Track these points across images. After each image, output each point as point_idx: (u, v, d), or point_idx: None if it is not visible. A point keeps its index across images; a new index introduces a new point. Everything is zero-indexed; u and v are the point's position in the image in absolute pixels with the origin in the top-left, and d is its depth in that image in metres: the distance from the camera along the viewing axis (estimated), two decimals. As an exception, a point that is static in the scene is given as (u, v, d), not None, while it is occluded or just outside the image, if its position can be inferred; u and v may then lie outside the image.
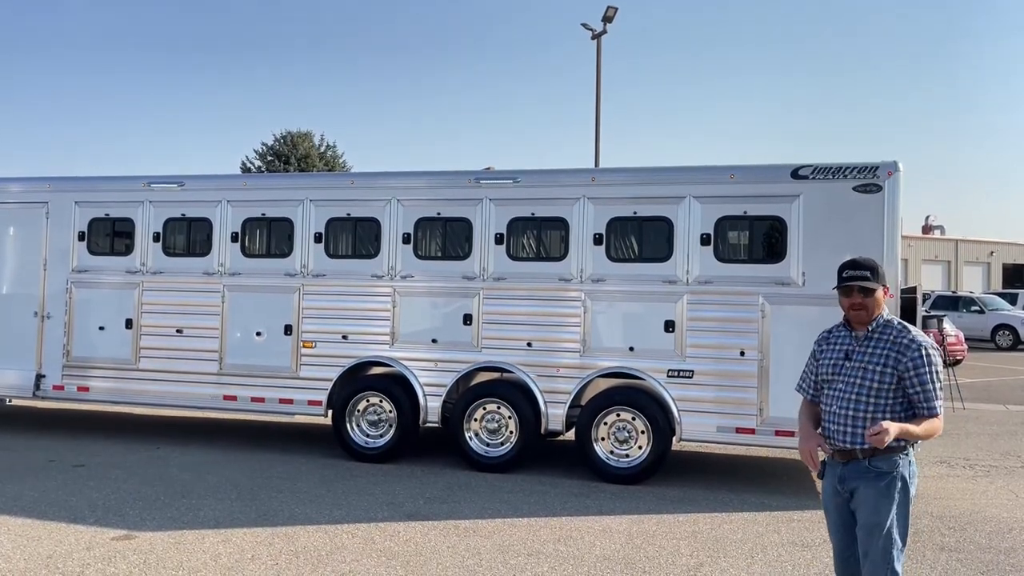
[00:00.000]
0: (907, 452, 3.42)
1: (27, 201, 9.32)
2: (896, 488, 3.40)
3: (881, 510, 3.40)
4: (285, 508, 6.33)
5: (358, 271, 8.20)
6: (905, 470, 3.41)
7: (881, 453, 3.39)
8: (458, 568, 5.09)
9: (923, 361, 3.38)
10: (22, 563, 5.03)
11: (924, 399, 3.38)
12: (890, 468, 3.39)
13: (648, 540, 5.73)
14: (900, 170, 6.93)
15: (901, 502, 3.40)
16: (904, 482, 3.41)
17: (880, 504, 3.40)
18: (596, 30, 21.60)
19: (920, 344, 3.41)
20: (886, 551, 3.39)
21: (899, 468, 3.40)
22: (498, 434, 7.76)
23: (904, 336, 3.44)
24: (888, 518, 3.39)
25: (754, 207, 7.26)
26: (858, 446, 3.43)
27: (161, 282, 8.76)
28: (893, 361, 3.40)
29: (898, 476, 3.40)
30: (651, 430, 7.30)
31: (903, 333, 3.46)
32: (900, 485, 3.40)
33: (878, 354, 3.44)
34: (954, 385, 12.55)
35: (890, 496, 3.39)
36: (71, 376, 8.95)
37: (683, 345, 7.29)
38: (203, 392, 8.54)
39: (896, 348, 3.42)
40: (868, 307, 3.50)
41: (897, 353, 3.41)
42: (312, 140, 38.25)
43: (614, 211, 7.57)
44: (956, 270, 43.50)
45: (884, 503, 3.40)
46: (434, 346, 7.93)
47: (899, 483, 3.40)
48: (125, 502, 6.41)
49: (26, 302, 9.17)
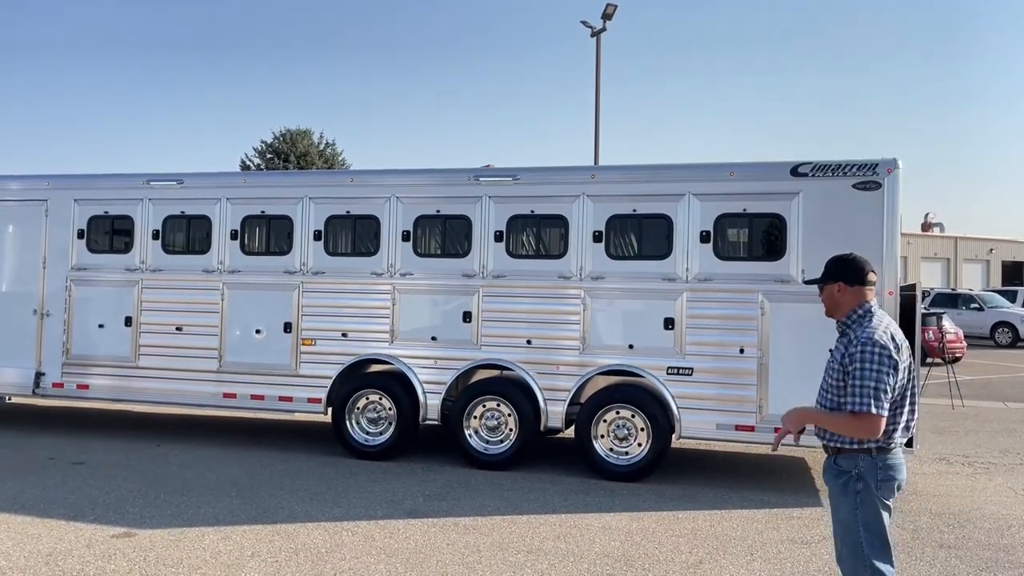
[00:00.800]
0: (871, 453, 3.34)
1: (26, 199, 9.32)
2: (855, 488, 3.35)
3: (841, 508, 3.41)
4: (285, 506, 6.33)
5: (358, 269, 8.20)
6: (868, 470, 3.34)
7: (845, 451, 3.38)
8: (458, 565, 5.10)
9: (858, 356, 3.29)
10: (22, 560, 5.03)
11: (848, 392, 3.30)
12: (849, 467, 3.37)
13: (648, 537, 5.73)
14: (900, 167, 6.93)
15: (864, 502, 3.33)
16: (865, 482, 3.33)
17: (840, 502, 3.41)
18: (596, 27, 21.58)
19: (861, 339, 3.33)
20: (855, 550, 3.36)
21: (859, 467, 3.34)
22: (498, 431, 7.76)
23: (858, 330, 3.39)
24: (849, 516, 3.37)
25: (754, 204, 7.26)
26: (827, 443, 3.45)
27: (160, 280, 8.76)
28: (841, 355, 3.39)
29: (856, 476, 3.35)
30: (650, 427, 7.31)
31: (860, 328, 3.40)
32: (861, 485, 3.34)
33: (839, 349, 3.43)
34: (953, 382, 12.59)
35: (848, 495, 3.37)
36: (71, 374, 8.95)
37: (682, 342, 7.30)
38: (203, 390, 8.54)
39: (847, 342, 3.41)
40: (824, 302, 3.59)
41: (846, 347, 3.40)
42: (311, 138, 38.22)
43: (614, 209, 7.57)
44: (955, 267, 43.55)
45: (843, 501, 3.39)
46: (434, 344, 7.93)
47: (858, 483, 3.34)
48: (125, 500, 6.41)
49: (25, 300, 9.17)
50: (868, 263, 3.57)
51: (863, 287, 3.49)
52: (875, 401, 3.24)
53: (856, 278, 3.49)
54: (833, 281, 3.53)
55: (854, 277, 3.49)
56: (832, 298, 3.54)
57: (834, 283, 3.52)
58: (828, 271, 3.58)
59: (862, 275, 3.50)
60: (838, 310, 3.53)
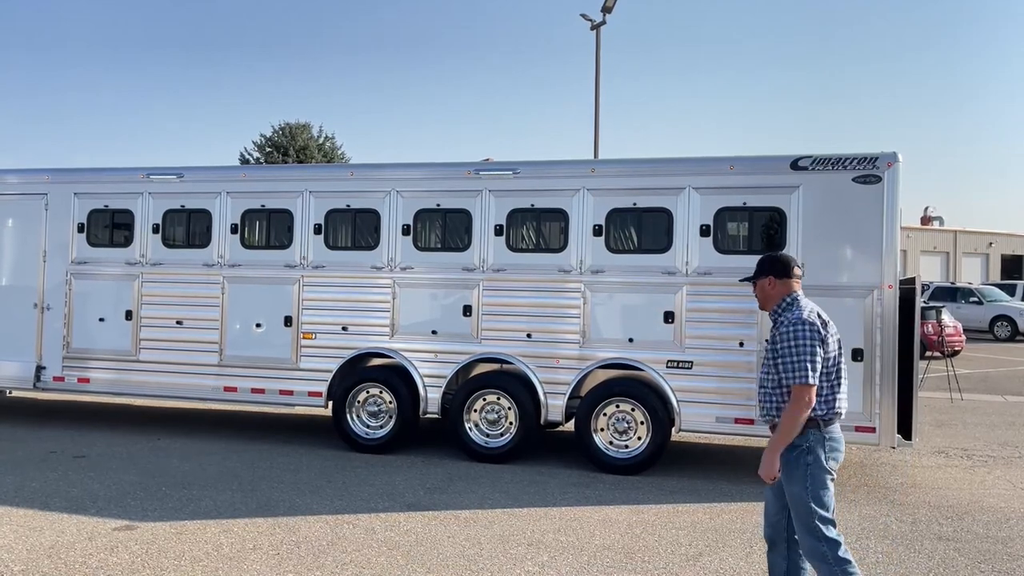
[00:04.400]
0: (818, 425, 3.63)
1: (26, 193, 9.31)
2: (805, 460, 3.61)
3: (792, 481, 3.64)
4: (286, 499, 6.35)
5: (358, 262, 8.21)
6: (817, 442, 3.63)
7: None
8: (459, 558, 5.12)
9: (790, 334, 3.65)
10: (24, 553, 5.05)
11: (782, 370, 3.66)
12: (799, 441, 3.62)
13: (647, 530, 5.75)
14: (900, 161, 6.93)
15: (813, 474, 3.60)
16: (815, 454, 3.61)
17: (791, 475, 3.64)
18: (595, 21, 21.52)
19: (791, 320, 3.70)
20: (808, 522, 3.61)
21: (809, 441, 3.61)
22: (498, 425, 7.78)
23: (786, 315, 3.77)
24: (800, 489, 3.61)
25: (754, 198, 7.26)
26: (773, 418, 3.74)
27: (161, 273, 8.76)
28: (772, 339, 3.78)
29: (807, 449, 3.61)
30: (650, 421, 7.33)
31: (788, 313, 3.77)
32: (811, 458, 3.61)
33: (772, 335, 3.81)
34: (952, 376, 12.61)
35: (799, 467, 3.62)
36: (71, 368, 8.96)
37: (682, 336, 7.31)
38: (203, 383, 8.55)
39: (777, 327, 3.80)
40: (757, 296, 3.99)
41: (776, 332, 3.77)
42: (311, 132, 38.14)
43: (614, 202, 7.57)
44: (955, 261, 43.52)
45: (794, 474, 3.63)
46: (434, 337, 7.94)
47: (808, 456, 3.61)
48: (126, 493, 6.43)
49: (26, 294, 9.17)
50: (794, 259, 4.00)
51: (790, 280, 3.87)
52: (811, 372, 3.59)
53: (784, 272, 3.87)
54: (764, 276, 3.91)
55: (782, 271, 3.88)
56: (764, 291, 3.93)
57: (765, 278, 3.90)
58: (760, 268, 3.96)
59: (789, 269, 3.89)
60: (769, 302, 3.92)
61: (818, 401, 3.62)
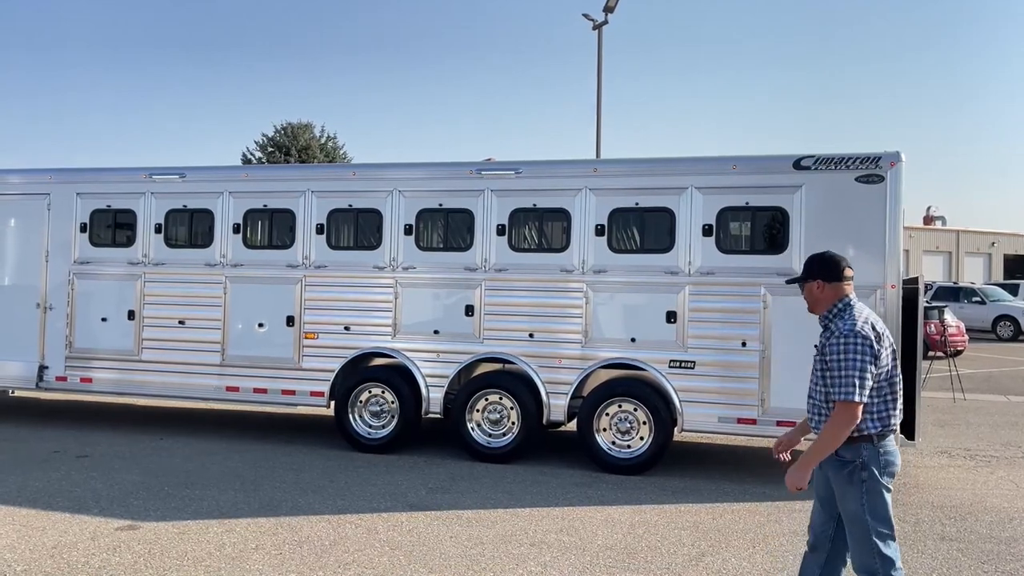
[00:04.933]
0: (872, 441, 3.44)
1: (29, 192, 9.32)
2: (860, 477, 3.44)
3: (847, 498, 3.47)
4: (288, 498, 6.35)
5: (360, 262, 8.20)
6: (872, 459, 3.43)
7: (846, 441, 3.44)
8: (461, 558, 5.11)
9: (840, 347, 3.43)
10: (27, 553, 5.05)
11: (829, 382, 3.46)
12: (852, 456, 3.44)
13: (650, 530, 5.75)
14: (903, 160, 6.92)
15: (869, 490, 3.43)
16: (870, 470, 3.43)
17: (846, 492, 3.48)
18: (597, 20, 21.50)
19: (842, 331, 3.46)
20: (865, 539, 3.45)
21: (863, 456, 3.43)
22: (500, 425, 7.78)
23: (837, 323, 3.55)
24: (856, 506, 3.45)
25: (756, 198, 7.25)
26: (818, 431, 3.55)
27: (163, 273, 8.77)
28: (822, 347, 3.57)
29: (861, 465, 3.43)
30: (653, 421, 7.32)
31: (840, 320, 3.56)
32: (865, 474, 3.43)
33: (822, 343, 3.59)
34: (955, 376, 12.59)
35: (853, 484, 3.45)
36: (74, 367, 8.97)
37: (685, 336, 7.30)
38: (206, 383, 8.56)
39: (827, 335, 3.56)
40: (806, 299, 3.73)
41: (825, 340, 3.55)
42: (313, 131, 38.14)
43: (616, 202, 7.56)
44: (957, 261, 43.47)
45: (849, 491, 3.46)
46: (436, 337, 7.94)
47: (863, 472, 3.43)
48: (129, 492, 6.43)
49: (28, 293, 9.18)
50: (844, 259, 3.71)
51: (840, 283, 3.63)
52: (858, 389, 3.37)
53: (834, 275, 3.65)
54: (812, 279, 3.68)
55: (832, 274, 3.65)
56: (812, 295, 3.70)
57: (813, 281, 3.67)
58: (807, 270, 3.73)
59: (839, 272, 3.64)
60: (819, 306, 3.69)
61: (871, 418, 3.43)
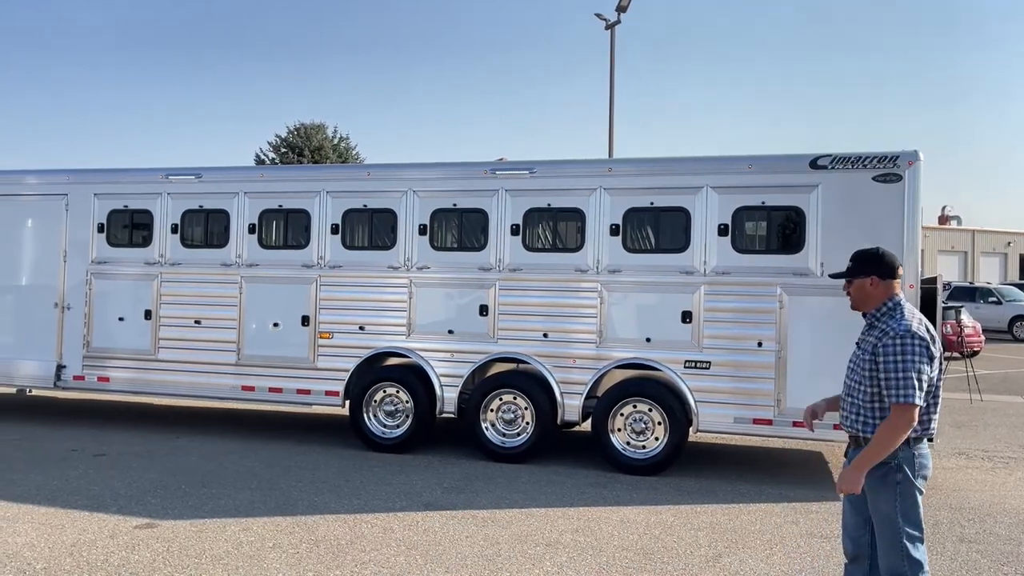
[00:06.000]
0: (908, 443, 3.36)
1: (47, 193, 9.40)
2: (894, 479, 3.37)
3: (881, 500, 3.40)
4: (304, 497, 6.38)
5: (374, 262, 8.23)
6: (907, 461, 3.37)
7: None
8: (477, 558, 5.12)
9: (897, 347, 3.32)
10: (46, 551, 5.09)
11: (884, 385, 3.35)
12: (888, 458, 3.36)
13: (666, 531, 5.73)
14: (921, 159, 6.87)
15: (903, 492, 3.37)
16: (904, 472, 3.36)
17: (880, 494, 3.40)
18: (610, 20, 21.46)
19: (899, 331, 3.35)
20: (895, 541, 3.38)
21: (898, 458, 3.36)
22: (514, 424, 7.78)
23: (890, 322, 3.43)
24: (889, 508, 3.38)
25: (772, 197, 7.22)
26: (860, 433, 3.47)
27: (179, 273, 8.82)
28: (873, 348, 3.42)
29: (896, 467, 3.36)
30: (668, 421, 7.30)
31: (892, 320, 3.44)
32: (900, 476, 3.36)
33: (870, 341, 3.46)
34: (971, 376, 12.49)
35: (888, 486, 3.38)
36: (91, 367, 9.04)
37: (700, 336, 7.28)
38: (222, 382, 8.60)
39: (879, 334, 3.43)
40: (852, 295, 3.60)
41: (877, 339, 3.42)
42: (325, 132, 38.28)
43: (631, 201, 7.55)
44: (973, 261, 43.14)
45: (883, 493, 3.39)
46: (450, 337, 7.95)
47: (898, 474, 3.37)
48: (147, 491, 6.47)
49: (46, 293, 9.26)
50: (897, 257, 3.62)
51: (894, 281, 3.53)
52: (917, 391, 3.29)
53: (889, 272, 3.54)
54: (866, 275, 3.55)
55: (887, 271, 3.53)
56: (864, 291, 3.56)
57: (867, 277, 3.54)
58: (861, 264, 3.58)
59: (894, 269, 3.54)
60: (868, 303, 3.56)
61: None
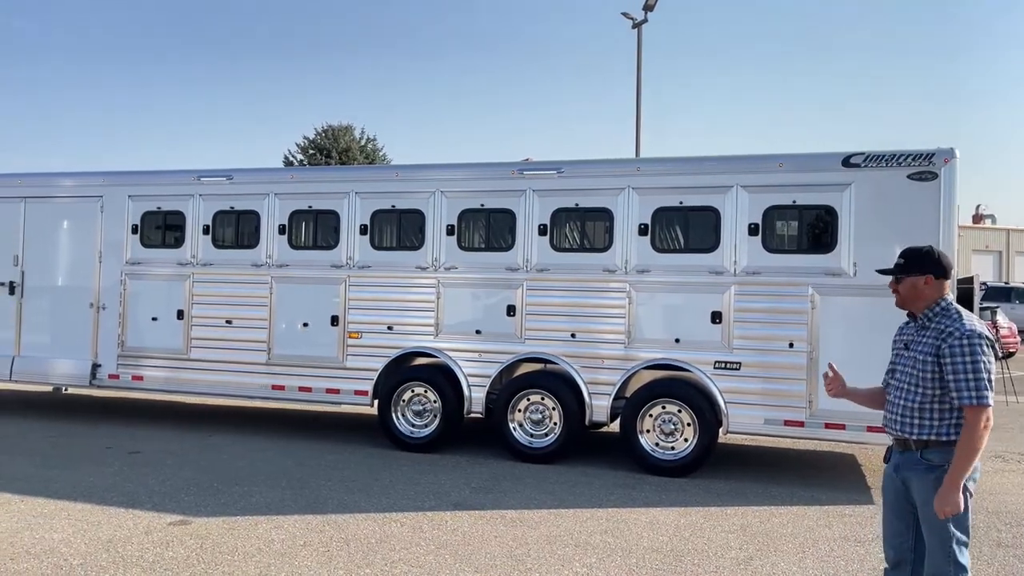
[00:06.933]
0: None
1: (82, 195, 9.57)
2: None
3: (932, 503, 3.33)
4: (334, 496, 6.43)
5: (403, 262, 8.27)
6: None
7: (934, 445, 3.33)
8: (507, 558, 5.12)
9: (967, 348, 3.26)
10: (83, 547, 5.18)
11: (954, 387, 3.27)
12: (942, 461, 3.31)
13: (696, 533, 5.69)
14: (957, 157, 6.75)
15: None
16: None
17: (931, 497, 3.33)
18: (637, 19, 21.37)
19: (965, 332, 3.29)
20: (944, 545, 3.32)
21: (951, 460, 3.29)
22: (542, 425, 7.77)
23: (950, 323, 3.36)
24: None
25: (804, 196, 7.13)
26: (911, 436, 3.40)
27: (211, 274, 8.93)
28: (935, 349, 3.35)
29: (948, 469, 3.29)
30: (697, 422, 7.24)
31: (951, 321, 3.38)
32: None
33: (927, 343, 3.39)
34: (1007, 378, 12.23)
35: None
36: (126, 365, 9.19)
37: (730, 336, 7.21)
38: (252, 381, 8.70)
39: (940, 336, 3.36)
40: (901, 293, 3.52)
41: (939, 340, 3.35)
42: (353, 133, 38.55)
43: (659, 201, 7.50)
44: (1007, 260, 42.28)
45: (934, 496, 3.31)
46: (478, 337, 7.96)
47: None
48: (180, 488, 6.56)
49: (82, 294, 9.43)
50: (950, 258, 3.61)
51: (946, 281, 3.49)
52: (990, 392, 3.26)
53: (945, 272, 3.48)
54: (921, 273, 3.48)
55: (943, 271, 3.48)
56: (916, 289, 3.48)
57: (922, 275, 3.48)
58: (916, 262, 3.51)
59: (948, 270, 3.50)
60: (918, 302, 3.49)
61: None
